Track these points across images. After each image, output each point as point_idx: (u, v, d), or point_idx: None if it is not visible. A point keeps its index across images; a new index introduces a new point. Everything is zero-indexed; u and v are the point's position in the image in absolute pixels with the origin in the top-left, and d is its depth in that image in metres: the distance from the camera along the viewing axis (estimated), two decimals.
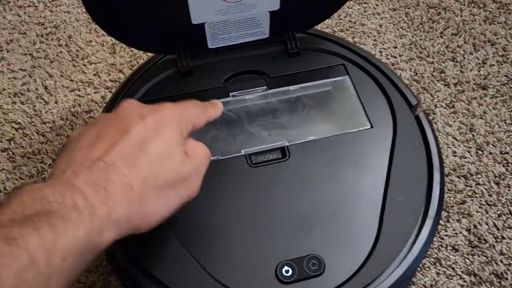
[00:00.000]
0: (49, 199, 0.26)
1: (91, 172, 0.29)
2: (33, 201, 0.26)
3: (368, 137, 0.46)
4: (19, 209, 0.26)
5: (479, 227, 0.49)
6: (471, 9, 0.67)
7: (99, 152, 0.30)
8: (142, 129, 0.32)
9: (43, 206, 0.26)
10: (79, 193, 0.27)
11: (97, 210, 0.27)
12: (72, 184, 0.28)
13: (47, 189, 0.27)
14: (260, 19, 0.48)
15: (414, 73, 0.60)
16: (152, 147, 0.31)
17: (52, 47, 0.64)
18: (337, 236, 0.40)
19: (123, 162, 0.30)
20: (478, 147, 0.54)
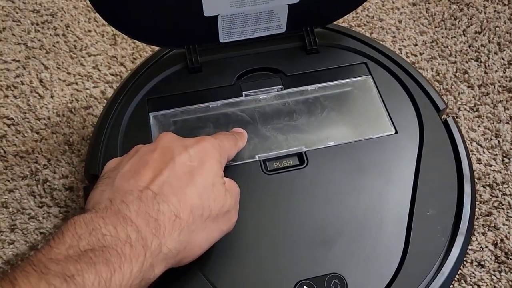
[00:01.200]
0: (103, 232, 0.26)
1: (140, 202, 0.28)
2: (87, 235, 0.26)
3: (392, 144, 0.42)
4: (73, 243, 0.25)
5: (506, 241, 0.45)
6: (495, 5, 0.63)
7: (146, 180, 0.30)
8: (187, 159, 0.32)
9: (97, 240, 0.26)
10: (131, 225, 0.27)
11: (149, 243, 0.27)
12: (124, 215, 0.27)
13: (99, 221, 0.27)
14: (277, 12, 0.44)
15: (436, 73, 0.56)
16: (197, 178, 0.31)
17: (48, 36, 0.59)
18: (361, 253, 0.37)
19: (171, 191, 0.30)
20: (504, 155, 0.50)
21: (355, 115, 0.44)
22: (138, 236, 0.27)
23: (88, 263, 0.24)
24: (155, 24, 0.43)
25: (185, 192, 0.30)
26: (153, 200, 0.29)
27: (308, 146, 0.42)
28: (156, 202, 0.29)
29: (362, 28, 0.61)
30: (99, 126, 0.43)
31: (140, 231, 0.27)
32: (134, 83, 0.45)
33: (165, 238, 0.28)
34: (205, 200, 0.31)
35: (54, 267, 0.24)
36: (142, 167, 0.31)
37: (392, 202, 0.39)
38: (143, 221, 0.28)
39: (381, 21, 0.62)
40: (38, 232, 0.45)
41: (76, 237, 0.25)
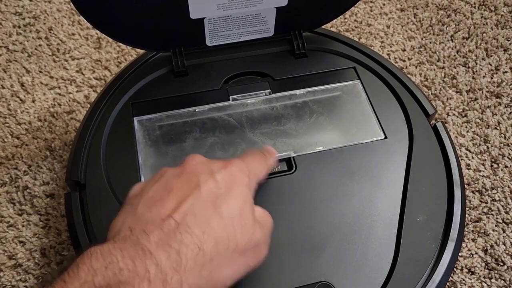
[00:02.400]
0: (120, 266, 0.24)
1: (162, 233, 0.27)
2: (103, 269, 0.24)
3: (382, 149, 0.42)
4: (88, 278, 0.24)
5: (496, 248, 0.45)
6: (482, 12, 0.63)
7: (169, 208, 0.28)
8: (213, 186, 0.30)
9: (114, 275, 0.24)
10: (150, 259, 0.25)
11: (169, 279, 0.25)
12: (143, 247, 0.26)
13: (116, 253, 0.25)
14: (265, 15, 0.44)
15: (424, 78, 0.56)
16: (224, 206, 0.29)
17: (30, 39, 0.58)
18: (350, 261, 0.36)
19: (194, 222, 0.28)
20: (493, 160, 0.50)
21: (344, 120, 0.44)
22: (157, 271, 0.25)
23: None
24: (140, 27, 0.42)
25: (209, 223, 0.28)
26: (175, 230, 0.27)
27: (297, 151, 0.41)
28: (178, 232, 0.27)
29: (350, 33, 0.61)
30: (81, 131, 0.42)
31: (159, 265, 0.25)
32: (118, 86, 0.44)
33: (186, 273, 0.26)
34: (231, 232, 0.28)
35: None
36: (166, 194, 0.29)
37: (381, 208, 0.38)
38: (164, 253, 0.26)
39: (369, 26, 0.61)
40: (17, 241, 0.44)
41: (91, 272, 0.24)
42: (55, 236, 0.44)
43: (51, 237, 0.44)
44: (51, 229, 0.44)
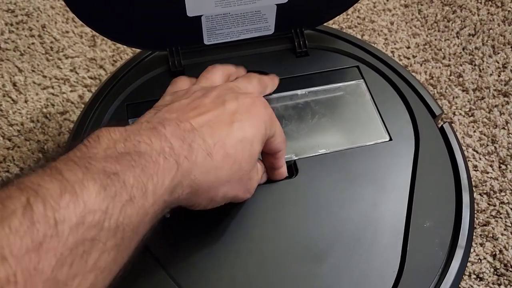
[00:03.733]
0: (138, 139, 0.25)
1: (178, 128, 0.28)
2: (123, 140, 0.25)
3: (386, 151, 0.40)
4: (110, 145, 0.24)
5: (505, 252, 0.43)
6: (489, 8, 0.61)
7: (188, 116, 0.29)
8: (234, 110, 0.31)
9: (133, 146, 0.25)
10: (165, 141, 0.26)
11: (181, 161, 0.26)
12: (159, 131, 0.27)
13: (134, 131, 0.26)
14: (265, 12, 0.42)
15: (429, 76, 0.55)
16: (240, 131, 0.30)
17: (23, 37, 0.56)
18: (354, 270, 0.34)
19: (209, 133, 0.29)
20: (501, 161, 0.49)
21: (347, 121, 0.42)
22: (171, 152, 0.26)
23: (127, 165, 0.23)
24: (135, 25, 0.40)
25: (222, 139, 0.29)
26: (190, 132, 0.28)
27: (298, 154, 0.40)
28: (192, 134, 0.28)
29: (353, 30, 0.59)
30: (75, 133, 0.40)
31: (173, 148, 0.26)
32: (113, 87, 0.43)
33: (195, 165, 0.27)
34: (238, 155, 0.30)
35: (96, 164, 0.22)
36: (190, 108, 0.30)
37: (386, 213, 0.37)
38: (178, 141, 0.27)
39: (373, 22, 0.60)
40: None
41: (112, 141, 0.25)
42: None
43: None
44: None
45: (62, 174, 0.21)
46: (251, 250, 0.34)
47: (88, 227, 0.20)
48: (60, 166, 0.22)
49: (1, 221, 0.18)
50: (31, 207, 0.19)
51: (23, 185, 0.20)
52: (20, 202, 0.19)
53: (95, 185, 0.21)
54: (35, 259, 0.18)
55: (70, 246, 0.19)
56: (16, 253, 0.18)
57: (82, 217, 0.20)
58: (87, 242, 0.20)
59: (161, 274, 0.33)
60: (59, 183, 0.20)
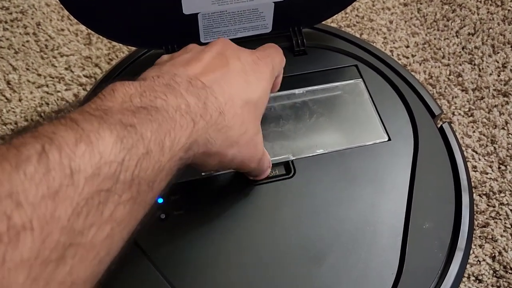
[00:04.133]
0: (155, 95, 0.25)
1: (190, 85, 0.27)
2: (138, 95, 0.24)
3: (385, 151, 0.40)
4: (126, 99, 0.24)
5: (505, 254, 0.43)
6: (488, 7, 0.61)
7: (196, 71, 0.29)
8: (240, 69, 0.31)
9: (150, 101, 0.24)
10: (181, 97, 0.26)
11: (197, 120, 0.26)
12: (174, 88, 0.26)
13: (149, 87, 0.25)
14: (262, 10, 0.41)
15: (429, 76, 0.54)
16: (247, 92, 0.30)
17: (17, 35, 0.55)
18: (353, 271, 0.34)
19: (220, 91, 0.28)
20: (500, 162, 0.48)
21: (345, 121, 0.42)
22: (187, 109, 0.25)
23: (144, 119, 0.23)
24: (131, 23, 0.40)
25: (232, 98, 0.29)
26: (202, 89, 0.27)
27: (296, 154, 0.39)
28: (205, 91, 0.27)
29: (351, 29, 0.58)
30: None
31: (189, 105, 0.26)
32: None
33: (210, 123, 0.27)
34: (246, 117, 0.30)
35: (112, 116, 0.22)
36: (195, 62, 0.29)
37: (385, 214, 0.36)
38: (193, 99, 0.26)
39: (372, 21, 0.59)
40: None
41: (127, 95, 0.24)
42: None
43: None
44: None
45: (78, 124, 0.20)
46: (247, 250, 0.34)
47: (103, 179, 0.20)
48: (75, 116, 0.21)
49: (16, 167, 0.18)
50: (47, 154, 0.18)
51: (37, 133, 0.19)
52: (34, 149, 0.18)
53: (112, 135, 0.21)
54: (52, 206, 0.18)
55: (85, 196, 0.19)
56: (32, 200, 0.17)
57: (97, 168, 0.19)
58: (103, 193, 0.20)
59: (155, 276, 0.32)
60: (74, 132, 0.20)
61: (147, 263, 0.33)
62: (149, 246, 0.33)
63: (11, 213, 0.17)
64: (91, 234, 0.19)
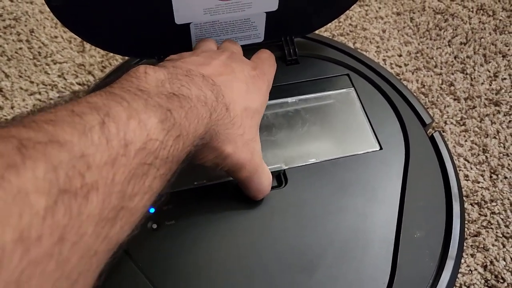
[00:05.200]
0: (179, 83, 0.27)
1: (205, 80, 0.29)
2: (167, 82, 0.26)
3: (377, 161, 0.40)
4: (159, 83, 0.26)
5: (496, 263, 0.43)
6: (480, 16, 0.61)
7: (208, 71, 0.31)
8: (244, 79, 0.34)
9: (178, 89, 0.26)
10: (200, 89, 0.28)
11: (213, 111, 0.28)
12: (193, 79, 0.28)
13: (173, 75, 0.27)
14: (254, 20, 0.42)
15: (421, 85, 0.54)
16: (246, 99, 0.33)
17: (10, 42, 0.55)
18: (344, 280, 0.34)
19: (227, 92, 0.31)
20: (492, 171, 0.48)
21: (337, 130, 0.42)
22: (206, 101, 0.28)
23: (176, 105, 0.25)
24: (123, 33, 0.40)
25: (235, 100, 0.32)
26: (213, 85, 0.30)
27: (288, 163, 0.39)
28: (217, 88, 0.30)
29: (345, 38, 0.59)
30: None
31: (207, 97, 0.28)
32: None
33: (219, 117, 0.29)
34: (244, 120, 0.32)
35: (153, 98, 0.24)
36: (206, 63, 0.32)
37: (377, 224, 0.36)
38: (209, 92, 0.28)
39: (365, 30, 0.59)
40: None
41: (159, 80, 0.26)
42: None
43: None
44: None
45: (128, 101, 0.22)
46: (239, 260, 0.34)
47: (148, 153, 0.22)
48: (122, 93, 0.23)
49: (83, 132, 0.19)
50: (107, 125, 0.20)
51: (94, 104, 0.21)
52: (97, 120, 0.20)
53: (156, 116, 0.23)
54: (112, 172, 0.20)
55: (134, 166, 0.21)
56: (98, 163, 0.19)
57: (144, 143, 0.22)
58: (146, 166, 0.22)
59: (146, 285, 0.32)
60: (125, 109, 0.22)
61: (138, 272, 0.32)
62: (140, 256, 0.33)
63: (84, 173, 0.19)
64: (136, 200, 0.22)
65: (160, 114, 0.23)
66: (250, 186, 0.34)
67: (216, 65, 0.33)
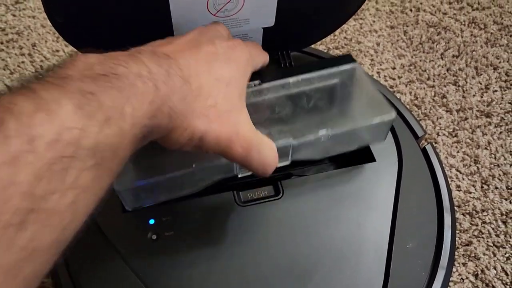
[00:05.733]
0: (115, 62, 0.24)
1: (154, 55, 0.27)
2: (99, 64, 0.24)
3: (370, 172, 0.41)
4: (87, 67, 0.24)
5: (487, 272, 0.44)
6: (472, 30, 0.63)
7: (166, 49, 0.30)
8: (211, 52, 0.31)
9: (110, 68, 0.24)
10: (143, 65, 0.26)
11: (160, 87, 0.26)
12: (136, 57, 0.26)
13: (109, 57, 0.25)
14: (252, 35, 0.43)
15: (414, 97, 0.56)
16: (216, 70, 0.31)
17: (13, 56, 0.57)
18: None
19: (186, 65, 0.29)
20: (483, 181, 0.50)
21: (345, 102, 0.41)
22: (149, 76, 0.25)
23: (104, 86, 0.23)
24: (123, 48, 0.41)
25: (198, 73, 0.29)
26: (166, 59, 0.28)
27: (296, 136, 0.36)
28: (169, 61, 0.28)
29: (340, 51, 0.60)
30: None
31: (151, 72, 0.26)
32: None
33: (173, 90, 0.26)
34: (214, 91, 0.30)
35: (72, 84, 0.22)
36: (165, 44, 0.31)
37: (370, 234, 0.38)
38: (155, 66, 0.26)
39: (359, 43, 0.61)
40: None
41: (88, 64, 0.24)
42: None
43: None
44: None
45: (37, 93, 0.21)
46: (237, 269, 0.35)
47: (65, 144, 0.20)
48: (34, 86, 0.21)
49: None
50: (6, 124, 0.19)
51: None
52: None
53: (71, 103, 0.21)
54: (11, 172, 0.18)
55: (47, 161, 0.19)
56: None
57: (58, 134, 0.20)
58: (65, 159, 0.20)
59: None
60: (33, 101, 0.20)
61: (138, 282, 0.33)
62: (140, 267, 0.34)
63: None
64: (54, 200, 0.19)
65: (79, 99, 0.21)
66: (252, 163, 0.31)
67: (178, 43, 0.31)
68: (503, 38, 0.62)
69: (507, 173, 0.50)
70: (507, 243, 0.46)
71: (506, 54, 0.60)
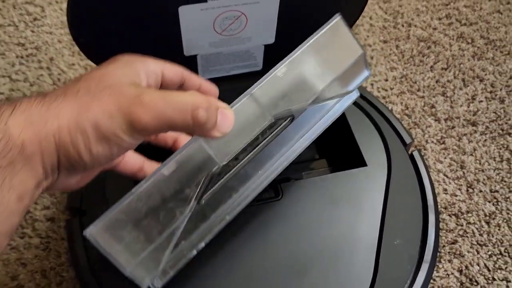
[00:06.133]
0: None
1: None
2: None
3: (362, 176, 0.45)
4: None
5: (471, 268, 0.48)
6: (460, 44, 0.67)
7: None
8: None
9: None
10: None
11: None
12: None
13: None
14: (254, 51, 0.47)
15: (405, 107, 0.60)
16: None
17: (32, 69, 0.61)
18: (332, 282, 0.38)
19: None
20: (468, 185, 0.53)
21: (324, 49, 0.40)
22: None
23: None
24: None
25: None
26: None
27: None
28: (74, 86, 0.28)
29: None
30: None
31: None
32: None
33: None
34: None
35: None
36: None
37: (362, 233, 0.41)
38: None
39: None
40: (19, 263, 0.46)
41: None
42: (55, 258, 0.46)
43: (51, 259, 0.46)
44: (51, 251, 0.47)
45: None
46: (237, 266, 0.38)
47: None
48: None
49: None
50: None
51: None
52: None
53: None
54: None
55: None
56: None
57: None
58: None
59: None
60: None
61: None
62: None
63: None
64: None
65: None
66: (192, 126, 0.27)
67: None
68: (489, 52, 0.66)
69: (491, 178, 0.54)
70: (490, 241, 0.49)
71: (491, 67, 0.64)
